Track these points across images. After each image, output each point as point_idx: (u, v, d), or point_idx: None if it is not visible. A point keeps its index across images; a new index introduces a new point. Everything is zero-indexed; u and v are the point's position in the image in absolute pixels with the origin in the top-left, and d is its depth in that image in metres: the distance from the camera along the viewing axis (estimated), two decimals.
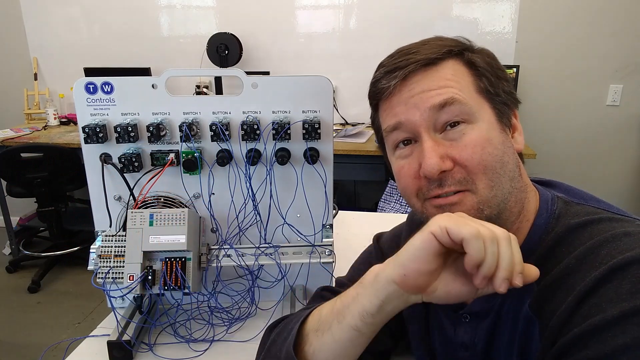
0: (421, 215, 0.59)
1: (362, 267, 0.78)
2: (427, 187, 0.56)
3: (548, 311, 0.51)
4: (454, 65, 0.57)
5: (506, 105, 0.58)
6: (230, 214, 0.90)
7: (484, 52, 0.60)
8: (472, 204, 0.54)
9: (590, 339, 0.44)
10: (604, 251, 0.49)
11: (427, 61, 0.56)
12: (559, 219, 0.56)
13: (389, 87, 0.57)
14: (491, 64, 0.58)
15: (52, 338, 2.31)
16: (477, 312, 0.61)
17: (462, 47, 0.59)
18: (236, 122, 0.85)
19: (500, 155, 0.54)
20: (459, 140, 0.54)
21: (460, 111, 0.54)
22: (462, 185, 0.54)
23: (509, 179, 0.55)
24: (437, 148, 0.54)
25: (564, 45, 2.83)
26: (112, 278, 0.84)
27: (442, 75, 0.56)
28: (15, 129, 3.03)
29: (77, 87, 0.84)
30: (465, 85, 0.56)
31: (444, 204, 0.55)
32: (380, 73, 0.59)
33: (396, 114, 0.57)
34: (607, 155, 2.99)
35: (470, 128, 0.54)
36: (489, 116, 0.56)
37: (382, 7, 2.94)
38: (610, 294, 0.45)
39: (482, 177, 0.53)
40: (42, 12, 3.27)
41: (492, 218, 0.54)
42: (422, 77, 0.56)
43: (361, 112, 3.08)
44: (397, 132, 0.58)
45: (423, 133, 0.55)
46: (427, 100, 0.55)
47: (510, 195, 0.55)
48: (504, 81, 0.59)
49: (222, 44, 2.94)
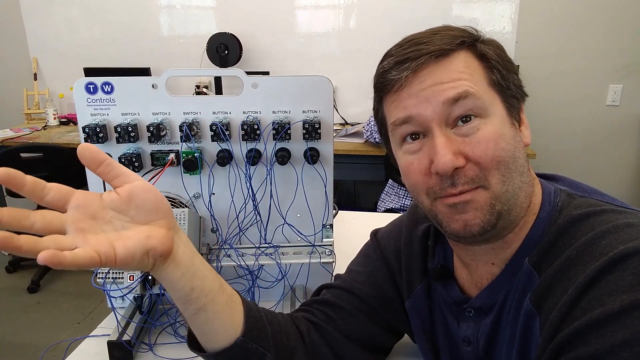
0: (429, 213, 0.58)
1: (361, 262, 0.78)
2: (440, 186, 0.54)
3: (549, 304, 0.50)
4: (466, 57, 0.55)
5: (516, 98, 0.57)
6: (231, 214, 0.90)
7: (493, 43, 0.58)
8: (485, 199, 0.53)
9: (590, 334, 0.43)
10: (604, 242, 0.48)
11: (439, 52, 0.53)
12: (561, 211, 0.55)
13: (399, 78, 0.54)
14: (502, 56, 0.57)
15: (52, 338, 2.31)
16: (480, 306, 0.61)
17: (474, 38, 0.56)
18: (236, 122, 0.85)
19: (512, 151, 0.53)
20: (472, 136, 0.53)
21: (473, 105, 0.52)
22: (475, 183, 0.53)
23: (519, 174, 0.54)
24: (450, 144, 0.52)
25: (563, 45, 2.84)
26: (112, 278, 0.84)
27: (455, 68, 0.54)
28: (15, 129, 3.03)
29: (77, 87, 0.84)
30: (477, 78, 0.54)
31: (458, 202, 0.53)
32: (388, 63, 0.56)
33: (406, 107, 0.55)
34: (607, 156, 2.99)
35: (484, 123, 0.53)
36: (500, 110, 0.55)
37: (382, 7, 2.94)
38: (610, 286, 0.44)
39: (495, 173, 0.52)
40: (42, 12, 3.27)
41: (503, 213, 0.53)
42: (434, 69, 0.54)
43: (361, 112, 3.08)
44: (405, 126, 0.56)
45: (435, 128, 0.53)
46: (440, 93, 0.53)
47: (520, 191, 0.54)
48: (514, 74, 0.57)
49: (222, 44, 2.94)
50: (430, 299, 0.69)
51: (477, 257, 0.61)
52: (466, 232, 0.54)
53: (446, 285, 0.66)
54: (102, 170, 0.47)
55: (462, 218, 0.54)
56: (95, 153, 0.46)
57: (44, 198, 0.43)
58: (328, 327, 0.70)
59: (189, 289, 0.53)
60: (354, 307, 0.72)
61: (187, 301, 0.54)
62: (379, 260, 0.75)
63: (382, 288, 0.73)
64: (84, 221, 0.45)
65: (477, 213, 0.53)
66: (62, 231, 0.43)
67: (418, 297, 0.70)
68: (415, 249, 0.71)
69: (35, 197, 0.43)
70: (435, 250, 0.69)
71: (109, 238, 0.45)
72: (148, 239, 0.47)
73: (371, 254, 0.77)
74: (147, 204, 0.48)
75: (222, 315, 0.58)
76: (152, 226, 0.49)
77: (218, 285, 0.57)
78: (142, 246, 0.47)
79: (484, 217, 0.53)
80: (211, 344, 0.60)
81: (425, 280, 0.69)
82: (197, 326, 0.58)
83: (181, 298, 0.54)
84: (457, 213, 0.54)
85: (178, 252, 0.52)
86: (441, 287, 0.67)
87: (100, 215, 0.46)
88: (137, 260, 0.46)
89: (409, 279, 0.71)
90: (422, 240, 0.71)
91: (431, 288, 0.69)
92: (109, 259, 0.43)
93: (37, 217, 0.42)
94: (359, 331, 0.71)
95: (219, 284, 0.58)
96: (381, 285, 0.73)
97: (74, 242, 0.42)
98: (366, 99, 0.64)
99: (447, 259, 0.68)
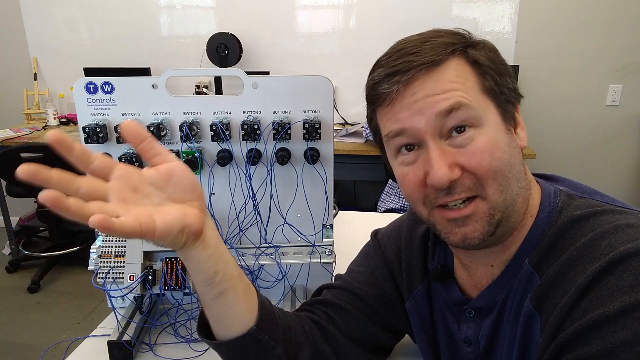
0: (427, 222, 0.58)
1: (362, 262, 0.78)
2: (435, 195, 0.54)
3: (549, 305, 0.50)
4: (458, 65, 0.54)
5: (510, 102, 0.56)
6: (231, 214, 0.90)
7: (486, 46, 0.57)
8: (484, 210, 0.53)
9: (590, 335, 0.43)
10: (605, 242, 0.48)
11: (430, 64, 0.53)
12: (561, 212, 0.55)
13: (390, 92, 0.54)
14: (494, 60, 0.56)
15: (52, 338, 2.31)
16: (480, 307, 0.61)
17: (465, 44, 0.55)
18: (236, 122, 0.85)
19: (508, 159, 0.53)
20: (467, 147, 0.52)
21: (467, 116, 0.52)
22: (472, 192, 0.53)
23: (516, 180, 0.54)
24: (444, 157, 0.52)
25: (563, 45, 2.84)
26: (112, 278, 0.84)
27: (447, 78, 0.53)
28: (15, 129, 3.03)
29: (77, 87, 0.84)
30: (470, 87, 0.53)
31: (458, 217, 0.53)
32: (379, 75, 0.55)
33: (398, 120, 0.54)
34: (607, 156, 2.99)
35: (478, 133, 0.52)
36: (494, 117, 0.54)
37: (382, 7, 2.94)
38: (610, 287, 0.44)
39: (492, 183, 0.52)
40: (42, 12, 3.26)
41: (502, 221, 0.53)
42: (425, 81, 0.53)
43: (361, 112, 3.07)
44: (399, 138, 0.55)
45: (429, 140, 0.53)
46: (433, 106, 0.52)
47: (517, 196, 0.54)
48: (508, 77, 0.56)
49: (222, 44, 2.94)
50: (431, 300, 0.69)
51: (476, 260, 0.62)
52: (465, 244, 0.54)
53: (446, 285, 0.66)
54: (143, 146, 0.48)
55: (462, 231, 0.54)
56: (139, 130, 0.48)
57: (90, 165, 0.45)
58: (329, 327, 0.71)
59: (214, 272, 0.54)
60: (355, 307, 0.72)
61: (210, 284, 0.55)
62: (379, 260, 0.75)
63: (382, 288, 0.73)
64: (126, 192, 0.46)
65: (476, 225, 0.53)
66: (105, 199, 0.45)
67: (418, 297, 0.70)
68: (415, 250, 0.71)
69: (82, 163, 0.45)
70: (436, 251, 0.69)
71: (149, 210, 0.46)
72: (185, 216, 0.49)
73: (372, 254, 0.77)
74: (184, 183, 0.50)
75: (240, 302, 0.58)
76: (187, 205, 0.50)
77: (238, 272, 0.58)
78: (179, 222, 0.48)
79: (483, 229, 0.53)
80: (224, 331, 0.60)
81: (425, 280, 0.70)
82: (215, 311, 0.58)
83: (205, 281, 0.55)
84: (456, 226, 0.54)
85: (207, 234, 0.53)
86: (441, 287, 0.67)
87: (140, 188, 0.48)
88: (173, 235, 0.48)
89: (409, 279, 0.71)
90: (422, 241, 0.71)
91: (431, 289, 0.69)
92: (149, 230, 0.45)
93: (83, 182, 0.43)
94: (359, 331, 0.72)
95: (238, 271, 0.59)
96: (382, 285, 0.73)
97: (117, 211, 0.43)
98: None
99: (447, 259, 0.68)
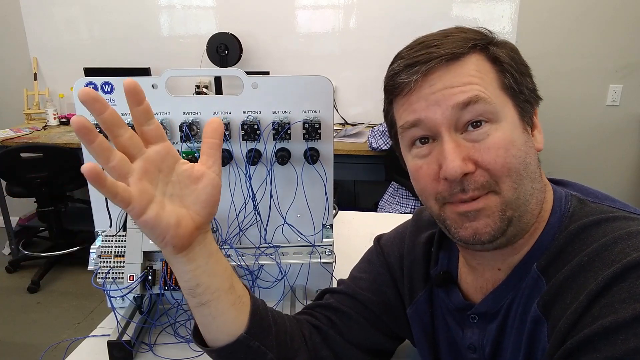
0: (437, 218, 0.57)
1: (364, 268, 0.77)
2: (449, 191, 0.53)
3: (558, 311, 0.49)
4: (478, 61, 0.54)
5: (529, 103, 0.56)
6: (231, 214, 0.90)
7: (507, 45, 0.56)
8: (497, 204, 0.52)
9: (600, 342, 0.42)
10: (617, 248, 0.47)
11: (450, 56, 0.52)
12: (572, 217, 0.54)
13: (409, 82, 0.53)
14: (515, 59, 0.56)
15: (52, 338, 2.31)
16: (485, 312, 0.60)
17: (487, 41, 0.55)
18: (236, 122, 0.85)
19: (524, 157, 0.52)
20: (482, 142, 0.51)
21: (484, 110, 0.51)
22: (485, 189, 0.52)
23: (531, 180, 0.53)
24: (459, 150, 0.51)
25: (563, 45, 2.84)
26: (112, 278, 0.84)
27: (466, 72, 0.53)
28: (15, 129, 3.03)
29: (77, 87, 0.84)
30: (489, 82, 0.53)
31: (470, 210, 0.53)
32: (398, 66, 0.55)
33: (415, 111, 0.54)
34: (607, 156, 2.99)
35: (494, 129, 0.52)
36: (512, 115, 0.54)
37: (382, 7, 2.94)
38: (622, 294, 0.43)
39: (506, 180, 0.51)
40: (42, 12, 3.27)
41: (514, 220, 0.52)
42: (444, 73, 0.53)
43: (361, 112, 3.08)
44: (414, 130, 0.55)
45: (444, 132, 0.52)
46: (450, 97, 0.52)
47: (531, 197, 0.53)
48: (528, 77, 0.56)
49: (222, 44, 2.94)
50: (433, 306, 0.68)
51: (484, 262, 0.60)
52: (475, 240, 0.53)
53: (448, 291, 0.65)
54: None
55: (472, 226, 0.53)
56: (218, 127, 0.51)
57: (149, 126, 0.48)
58: (330, 331, 0.70)
59: (195, 284, 0.54)
60: (357, 312, 0.72)
61: (191, 294, 0.55)
62: (382, 266, 0.75)
63: (385, 295, 0.73)
64: (152, 166, 0.48)
65: (488, 220, 0.52)
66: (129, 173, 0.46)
67: (420, 304, 0.69)
68: (418, 256, 0.70)
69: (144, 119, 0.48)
70: (439, 256, 0.68)
71: (152, 194, 0.47)
72: (176, 227, 0.49)
73: (374, 260, 0.77)
74: (204, 195, 0.50)
75: (225, 313, 0.58)
76: (189, 214, 0.50)
77: (228, 285, 0.57)
78: (166, 227, 0.48)
79: (495, 225, 0.52)
80: (212, 337, 0.60)
81: (427, 287, 0.69)
82: (199, 319, 0.59)
83: (185, 289, 0.55)
84: (467, 220, 0.53)
85: (194, 250, 0.53)
86: (443, 293, 0.66)
87: (166, 171, 0.49)
88: (155, 233, 0.48)
89: (411, 285, 0.70)
90: (425, 247, 0.70)
91: (433, 295, 0.68)
92: (135, 212, 0.46)
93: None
94: (360, 336, 0.71)
95: (229, 284, 0.57)
96: (384, 292, 0.73)
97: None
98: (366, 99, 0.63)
99: (451, 264, 0.67)
